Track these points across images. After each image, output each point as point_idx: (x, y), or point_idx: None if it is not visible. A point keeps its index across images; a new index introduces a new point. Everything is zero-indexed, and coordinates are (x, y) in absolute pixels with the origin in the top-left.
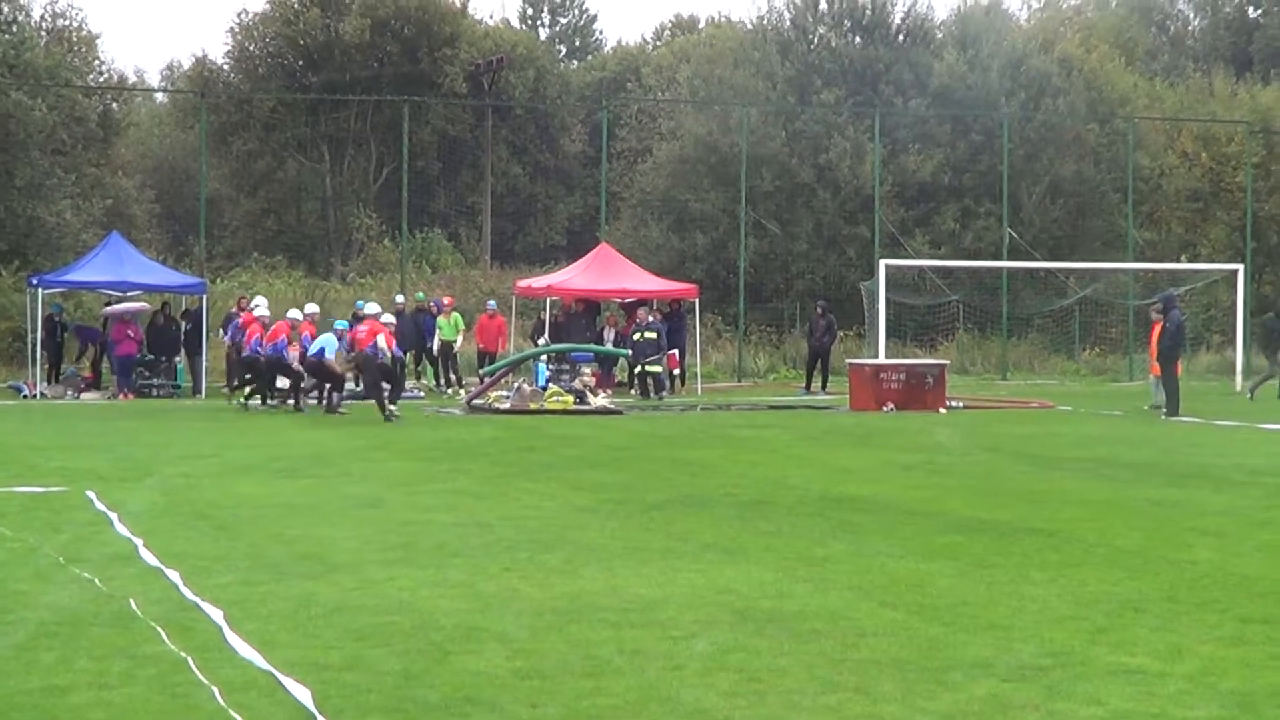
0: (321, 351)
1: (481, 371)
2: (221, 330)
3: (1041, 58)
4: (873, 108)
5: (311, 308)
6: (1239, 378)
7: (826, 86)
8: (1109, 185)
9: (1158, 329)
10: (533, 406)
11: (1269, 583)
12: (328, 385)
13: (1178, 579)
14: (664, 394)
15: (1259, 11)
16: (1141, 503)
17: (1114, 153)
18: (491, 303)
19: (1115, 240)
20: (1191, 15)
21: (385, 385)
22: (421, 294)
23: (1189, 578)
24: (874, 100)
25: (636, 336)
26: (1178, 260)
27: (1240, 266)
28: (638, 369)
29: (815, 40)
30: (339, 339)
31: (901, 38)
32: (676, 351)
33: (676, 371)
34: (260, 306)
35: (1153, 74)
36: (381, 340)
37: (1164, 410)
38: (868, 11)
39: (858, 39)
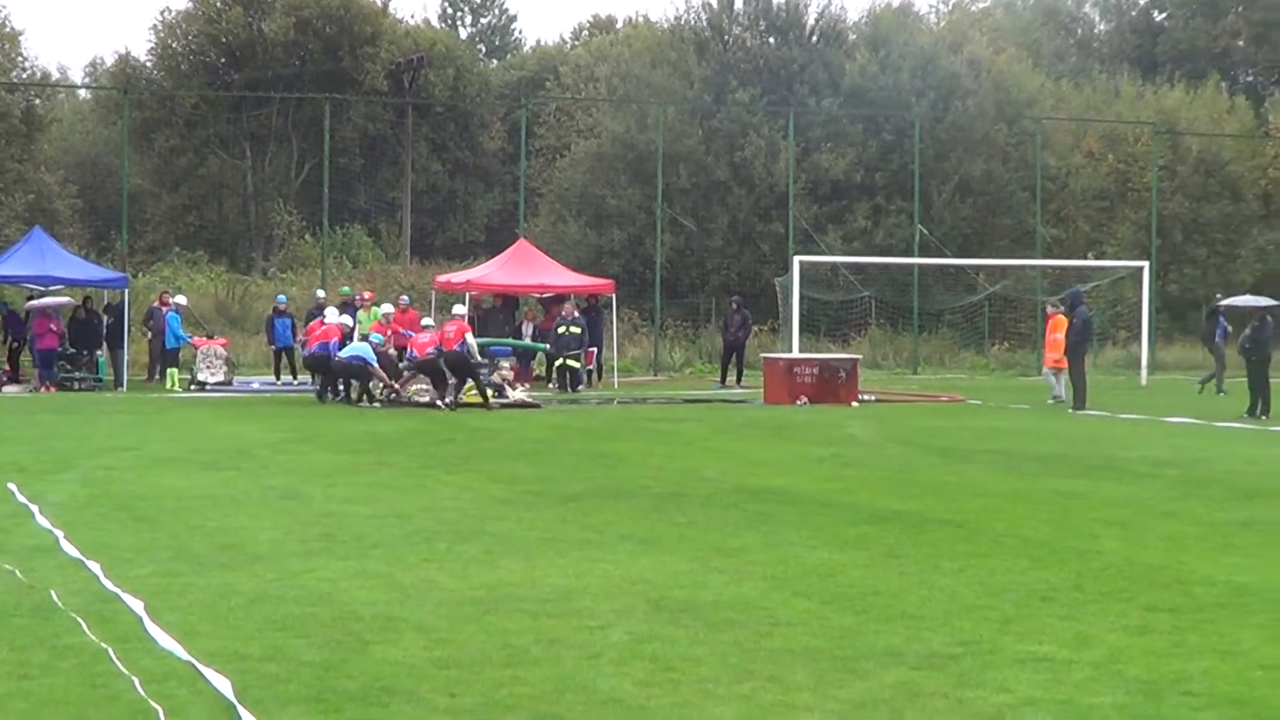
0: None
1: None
2: (144, 324)
3: (951, 59)
4: (787, 107)
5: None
6: (1144, 372)
7: (742, 86)
8: (1017, 184)
9: (1053, 322)
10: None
11: (1173, 572)
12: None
13: (1084, 569)
14: (581, 387)
15: (1164, 15)
16: (1048, 494)
17: (1022, 152)
18: (404, 297)
19: (1024, 237)
20: (1098, 19)
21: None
22: (347, 288)
23: (1095, 568)
24: (788, 100)
25: (560, 330)
26: (1084, 257)
27: (1146, 264)
28: (558, 362)
29: (731, 40)
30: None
31: (815, 39)
32: (595, 348)
33: (592, 366)
34: (330, 310)
35: (1060, 76)
36: (470, 339)
37: (1062, 401)
38: (782, 13)
39: (772, 39)
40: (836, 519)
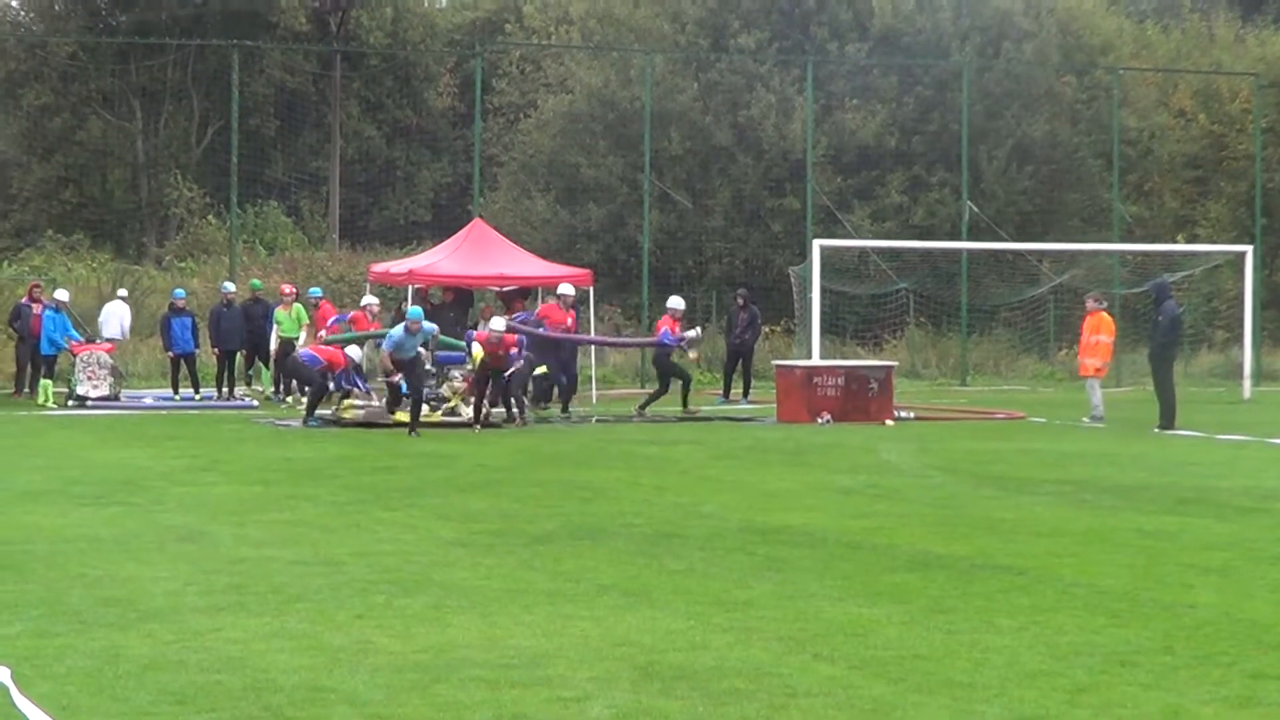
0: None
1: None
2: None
3: None
4: (803, 55)
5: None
6: (1247, 382)
7: (746, 29)
8: (1089, 150)
9: (1092, 321)
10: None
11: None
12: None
13: (1174, 626)
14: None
15: None
16: (1129, 534)
17: (1095, 111)
18: (315, 289)
19: (1097, 216)
20: None
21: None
22: (258, 281)
23: (1187, 625)
24: (804, 46)
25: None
26: (1173, 241)
27: (1249, 248)
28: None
29: None
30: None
31: None
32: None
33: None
34: (371, 301)
35: (1142, 17)
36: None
37: (1101, 421)
38: None
39: None
40: (867, 565)
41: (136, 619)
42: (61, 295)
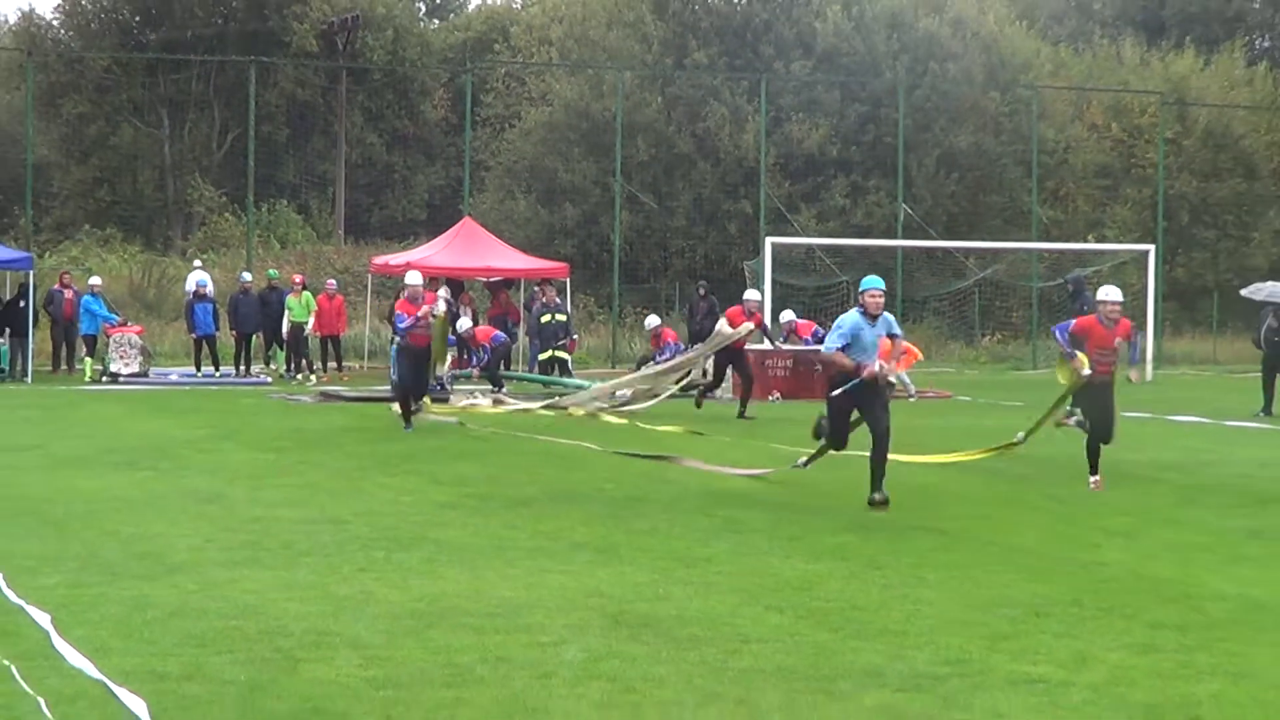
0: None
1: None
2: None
3: (934, 21)
4: (754, 71)
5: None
6: (1149, 367)
7: (703, 47)
8: (1010, 158)
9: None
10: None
11: (1180, 586)
12: None
13: (1083, 582)
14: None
15: None
16: (1043, 500)
17: (1015, 123)
18: (331, 282)
19: (1017, 218)
20: None
21: None
22: (274, 271)
23: (1095, 580)
24: (755, 63)
25: (544, 319)
26: (1084, 240)
27: (1151, 247)
28: (545, 355)
29: (691, 1)
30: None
31: None
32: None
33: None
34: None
35: (1058, 40)
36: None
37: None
38: None
39: None
40: (813, 527)
41: (163, 571)
42: (95, 282)
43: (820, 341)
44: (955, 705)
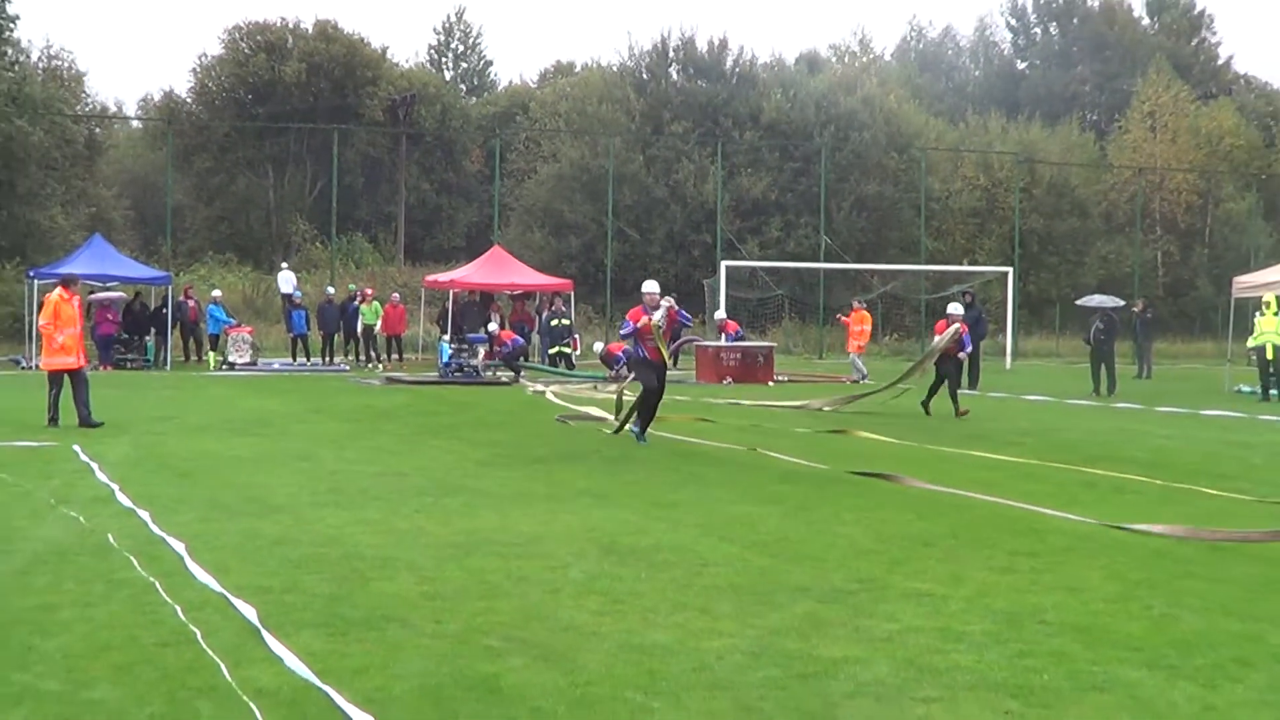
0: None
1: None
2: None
3: (849, 98)
4: (714, 138)
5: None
6: (1008, 358)
7: (675, 120)
8: (905, 203)
9: (856, 314)
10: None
11: (1031, 521)
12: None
13: (958, 520)
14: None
15: (1025, 65)
16: (930, 458)
17: (909, 177)
18: (395, 295)
19: (910, 247)
20: (972, 66)
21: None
22: (353, 286)
23: (968, 519)
24: (715, 132)
25: (553, 323)
26: (960, 264)
27: (1010, 269)
28: (554, 350)
29: (665, 81)
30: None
31: (736, 81)
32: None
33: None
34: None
35: (939, 114)
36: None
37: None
38: (705, 59)
39: (701, 81)
40: (756, 478)
41: (267, 511)
42: (217, 294)
43: (741, 339)
44: (862, 613)
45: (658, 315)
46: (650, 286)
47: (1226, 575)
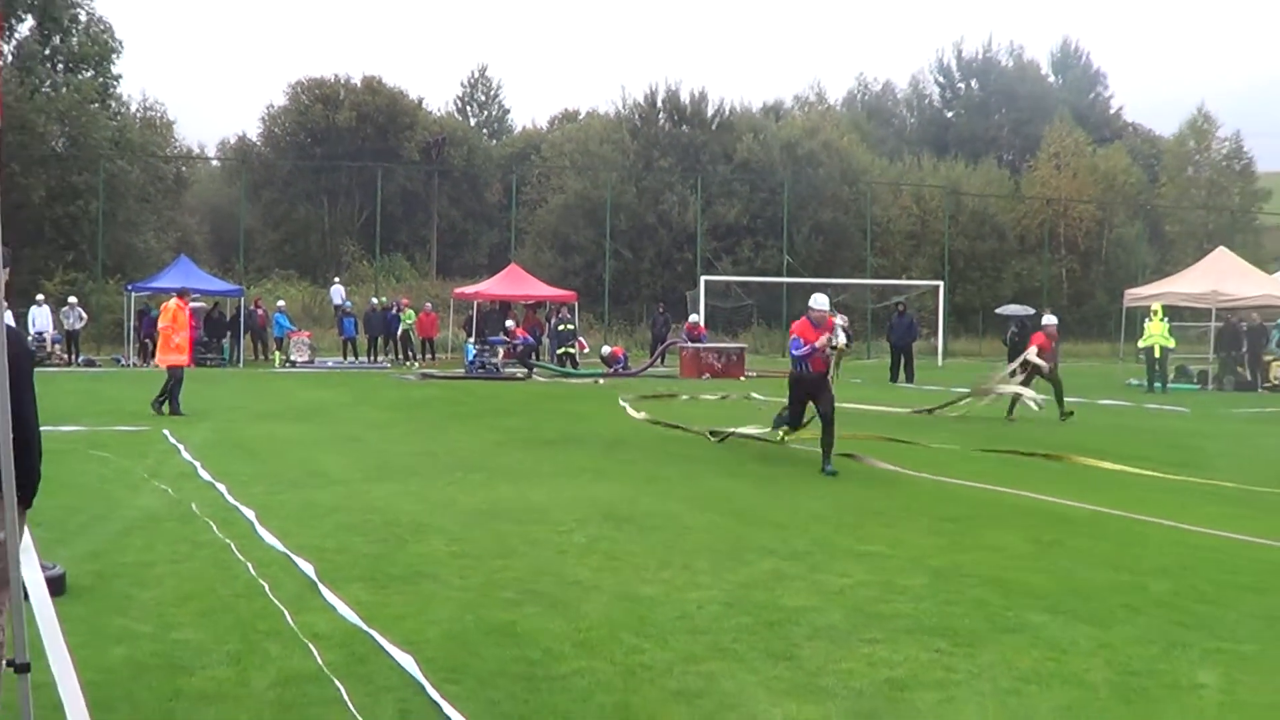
0: None
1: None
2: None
3: (809, 141)
4: (695, 173)
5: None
6: (940, 357)
7: (663, 157)
8: (854, 228)
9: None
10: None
11: (963, 495)
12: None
13: (904, 494)
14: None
15: (952, 114)
16: (878, 442)
17: (858, 206)
18: (428, 304)
19: (858, 264)
20: (908, 114)
21: None
22: (384, 298)
23: (909, 493)
24: (695, 168)
25: (560, 328)
26: (900, 279)
27: (941, 283)
28: (561, 351)
29: (655, 127)
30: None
31: (714, 126)
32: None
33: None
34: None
35: (882, 154)
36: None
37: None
38: (688, 107)
39: (685, 126)
40: (732, 457)
41: (323, 484)
42: (281, 304)
43: (704, 340)
44: (819, 569)
45: (840, 339)
46: (820, 303)
47: (1103, 532)
